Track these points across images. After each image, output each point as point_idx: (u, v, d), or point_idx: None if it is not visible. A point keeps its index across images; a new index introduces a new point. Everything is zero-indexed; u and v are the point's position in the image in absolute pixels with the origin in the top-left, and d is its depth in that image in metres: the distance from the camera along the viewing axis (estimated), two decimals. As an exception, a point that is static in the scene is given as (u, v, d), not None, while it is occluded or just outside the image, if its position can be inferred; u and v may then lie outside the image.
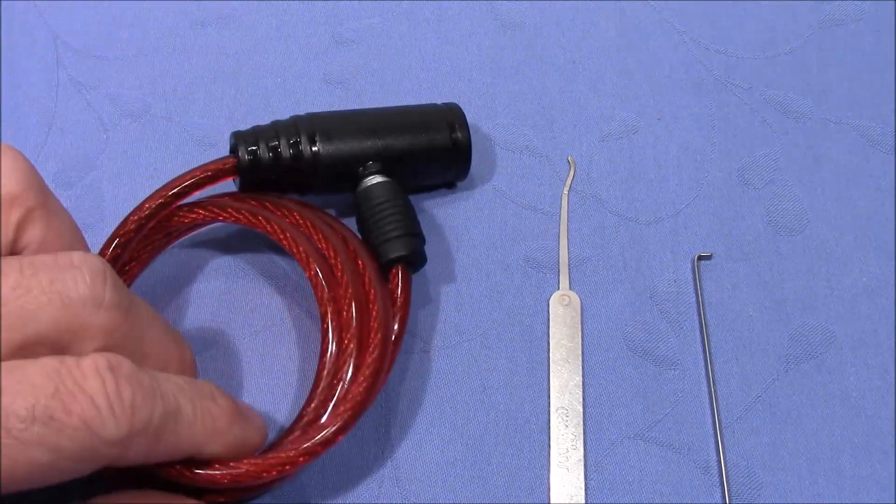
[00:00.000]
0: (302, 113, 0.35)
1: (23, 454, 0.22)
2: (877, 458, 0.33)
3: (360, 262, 0.32)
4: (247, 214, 0.33)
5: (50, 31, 0.42)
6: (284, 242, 0.32)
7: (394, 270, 0.32)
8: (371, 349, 0.30)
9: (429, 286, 0.36)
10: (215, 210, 0.33)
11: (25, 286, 0.24)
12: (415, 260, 0.33)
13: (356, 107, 0.37)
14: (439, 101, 0.37)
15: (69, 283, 0.24)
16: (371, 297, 0.31)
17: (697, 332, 0.35)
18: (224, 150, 0.35)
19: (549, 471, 0.32)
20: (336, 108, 0.39)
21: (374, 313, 0.30)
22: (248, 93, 0.40)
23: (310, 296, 0.35)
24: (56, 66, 0.41)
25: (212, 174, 0.33)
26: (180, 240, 0.35)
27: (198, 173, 0.33)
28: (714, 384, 0.34)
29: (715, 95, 0.41)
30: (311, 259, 0.31)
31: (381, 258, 0.32)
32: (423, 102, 0.37)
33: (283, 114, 0.37)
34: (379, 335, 0.30)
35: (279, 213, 0.33)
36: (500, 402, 0.34)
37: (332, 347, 0.30)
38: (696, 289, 0.36)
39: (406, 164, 0.34)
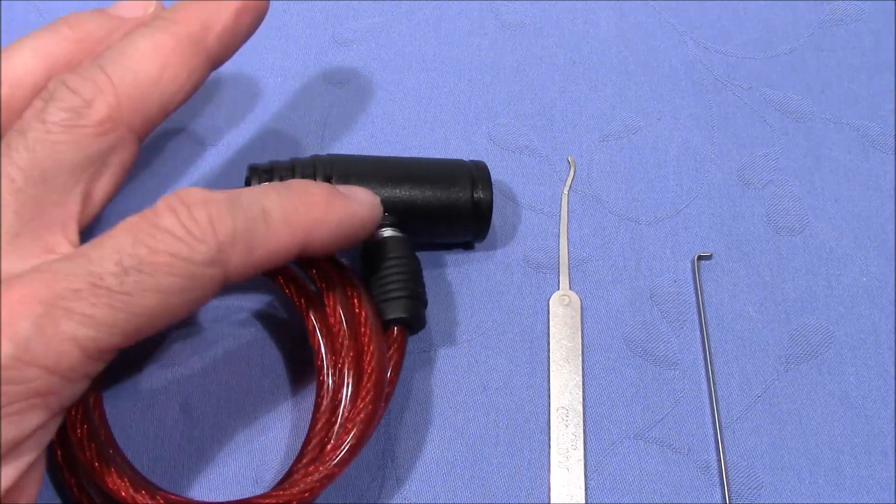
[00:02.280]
0: (322, 154, 0.34)
1: (134, 305, 0.23)
2: (877, 458, 0.33)
3: (359, 310, 0.31)
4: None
5: (50, 31, 0.42)
6: (290, 295, 0.31)
7: (391, 331, 0.31)
8: (368, 372, 0.29)
9: (429, 286, 0.36)
10: None
11: None
12: (413, 324, 0.32)
13: (357, 107, 0.37)
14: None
15: None
16: (368, 343, 0.30)
17: (697, 332, 0.35)
18: (224, 150, 0.35)
19: (549, 471, 0.32)
20: (335, 107, 0.40)
21: (370, 356, 0.30)
22: (248, 93, 0.40)
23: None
24: (56, 66, 0.41)
25: None
26: None
27: None
28: (714, 384, 0.34)
29: (715, 95, 0.41)
30: (311, 311, 0.31)
31: (381, 316, 0.31)
32: (450, 158, 0.35)
33: (284, 115, 0.37)
34: (373, 363, 0.29)
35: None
36: (500, 402, 0.34)
37: (328, 378, 0.30)
38: (696, 289, 0.36)
39: (422, 218, 0.33)
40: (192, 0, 0.29)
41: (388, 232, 0.32)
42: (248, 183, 0.33)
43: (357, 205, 0.29)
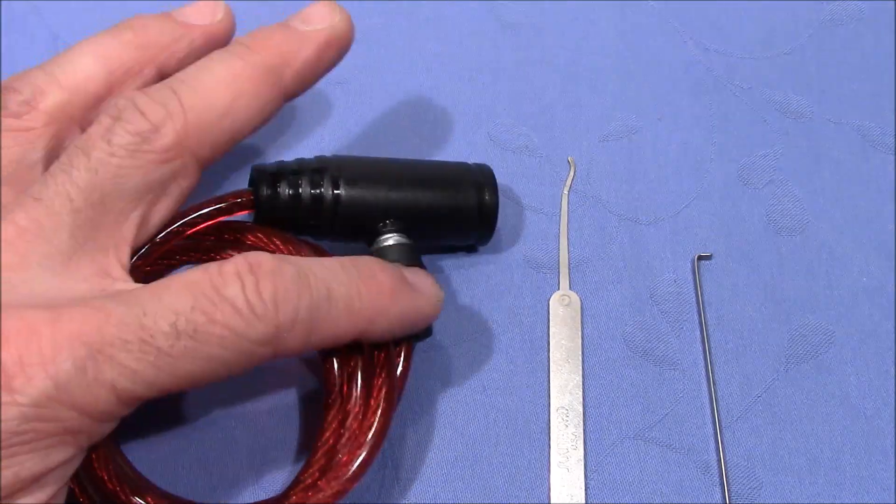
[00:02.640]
0: (327, 154, 0.33)
1: (178, 368, 0.22)
2: (877, 458, 0.33)
3: None
4: None
5: (50, 31, 0.42)
6: None
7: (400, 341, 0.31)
8: (378, 384, 0.29)
9: (429, 286, 0.36)
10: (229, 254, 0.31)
11: None
12: (420, 334, 0.31)
13: (357, 107, 0.37)
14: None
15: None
16: (379, 354, 0.30)
17: (697, 332, 0.35)
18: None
19: (549, 471, 0.32)
20: (335, 107, 0.39)
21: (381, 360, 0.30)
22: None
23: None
24: (56, 66, 0.41)
25: (226, 207, 0.30)
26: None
27: (212, 205, 0.30)
28: (714, 384, 0.34)
29: (715, 95, 0.41)
30: None
31: None
32: (455, 160, 0.35)
33: (284, 114, 0.37)
34: (384, 374, 0.29)
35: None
36: (500, 402, 0.34)
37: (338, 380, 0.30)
38: (696, 289, 0.36)
39: (427, 223, 0.33)
40: (275, 28, 0.28)
41: (395, 238, 0.32)
42: (252, 183, 0.32)
43: (423, 300, 0.28)
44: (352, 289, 0.25)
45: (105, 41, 0.28)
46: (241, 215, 0.31)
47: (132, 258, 0.26)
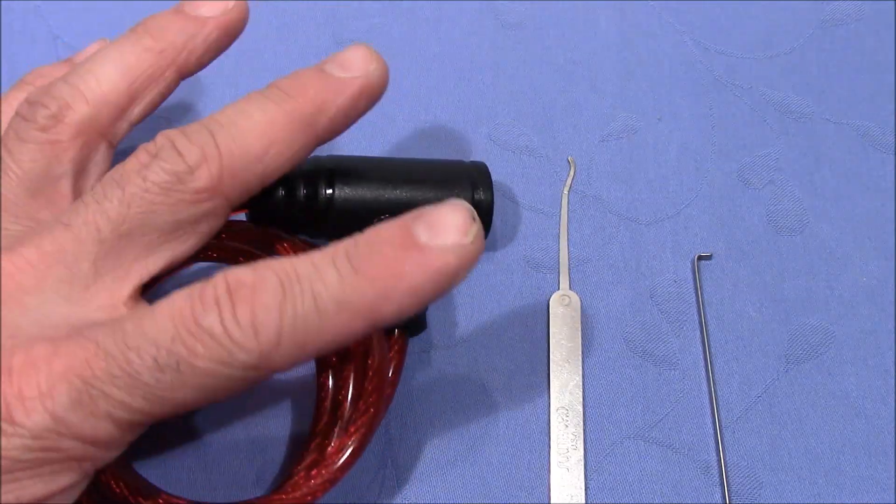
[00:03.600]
0: (322, 154, 0.33)
1: (168, 400, 0.22)
2: (877, 458, 0.33)
3: None
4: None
5: (50, 31, 0.42)
6: None
7: (391, 334, 0.31)
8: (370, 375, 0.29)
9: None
10: (227, 255, 0.31)
11: None
12: (414, 327, 0.32)
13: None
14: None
15: None
16: (370, 345, 0.30)
17: (697, 332, 0.35)
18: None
19: (549, 471, 0.32)
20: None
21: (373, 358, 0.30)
22: (248, 93, 0.40)
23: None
24: (56, 66, 0.41)
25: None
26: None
27: None
28: (714, 384, 0.34)
29: (715, 95, 0.41)
30: None
31: None
32: (450, 159, 0.35)
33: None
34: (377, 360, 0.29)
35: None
36: (500, 402, 0.34)
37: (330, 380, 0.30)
38: (696, 289, 0.36)
39: None
40: (312, 74, 0.28)
41: None
42: None
43: (444, 256, 0.23)
44: (345, 286, 0.23)
45: (126, 49, 0.28)
46: (236, 215, 0.31)
47: (151, 286, 0.26)
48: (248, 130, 0.26)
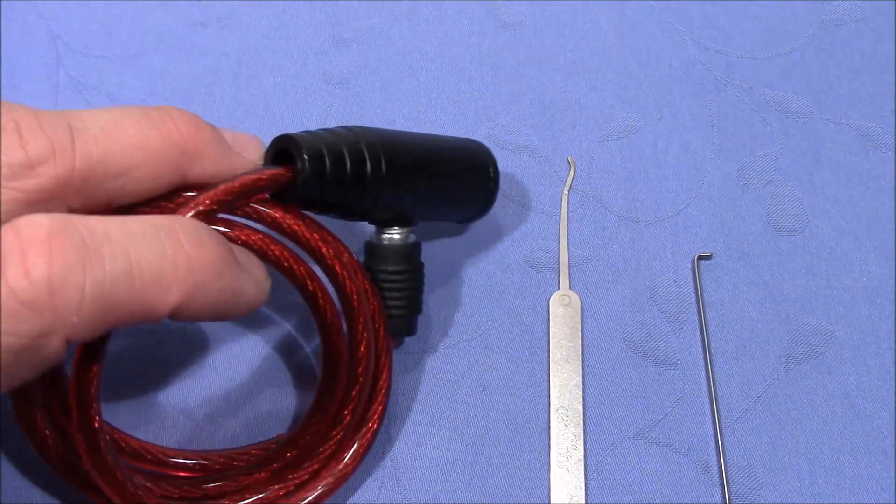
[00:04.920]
0: (345, 124, 0.30)
1: None
2: (877, 458, 0.33)
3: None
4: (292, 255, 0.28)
5: (50, 31, 0.42)
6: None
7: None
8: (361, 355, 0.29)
9: (429, 286, 0.36)
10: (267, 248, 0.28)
11: None
12: (403, 335, 0.32)
13: (356, 107, 0.37)
14: (449, 108, 0.36)
15: None
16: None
17: (697, 332, 0.35)
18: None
19: (549, 471, 0.32)
20: (334, 108, 0.39)
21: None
22: (248, 93, 0.40)
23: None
24: (56, 66, 0.41)
25: (266, 183, 0.26)
26: None
27: (249, 182, 0.26)
28: (714, 384, 0.34)
29: (715, 95, 0.41)
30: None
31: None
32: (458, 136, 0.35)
33: (284, 115, 0.36)
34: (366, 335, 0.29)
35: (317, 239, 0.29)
36: (500, 402, 0.34)
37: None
38: (696, 289, 0.36)
39: (438, 207, 0.33)
40: (208, 126, 0.26)
41: (397, 235, 0.31)
42: (286, 159, 0.28)
43: (250, 283, 0.24)
44: (165, 259, 0.21)
45: (145, 128, 0.24)
46: None
47: None
48: (115, 141, 0.23)
